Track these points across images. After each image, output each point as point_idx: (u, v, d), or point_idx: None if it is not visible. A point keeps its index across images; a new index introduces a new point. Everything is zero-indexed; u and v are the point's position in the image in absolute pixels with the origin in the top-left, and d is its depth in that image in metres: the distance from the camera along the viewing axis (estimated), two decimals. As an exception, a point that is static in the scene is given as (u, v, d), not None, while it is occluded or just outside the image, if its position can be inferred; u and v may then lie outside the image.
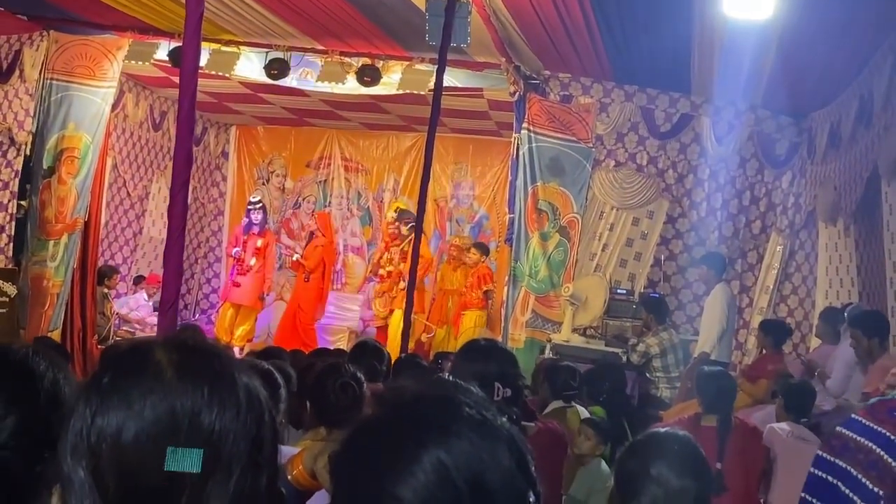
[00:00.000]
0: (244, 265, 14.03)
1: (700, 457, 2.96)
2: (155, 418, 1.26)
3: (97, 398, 1.29)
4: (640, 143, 11.17)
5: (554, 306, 11.04)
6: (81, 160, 11.60)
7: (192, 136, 4.58)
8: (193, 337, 1.43)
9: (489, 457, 1.24)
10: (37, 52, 11.32)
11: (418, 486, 1.21)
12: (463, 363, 3.80)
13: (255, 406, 1.34)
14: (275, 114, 15.42)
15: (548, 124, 11.17)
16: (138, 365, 1.32)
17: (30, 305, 11.24)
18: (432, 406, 1.31)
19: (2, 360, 1.85)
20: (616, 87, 11.19)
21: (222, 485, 1.27)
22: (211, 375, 1.32)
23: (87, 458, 1.26)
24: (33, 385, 1.79)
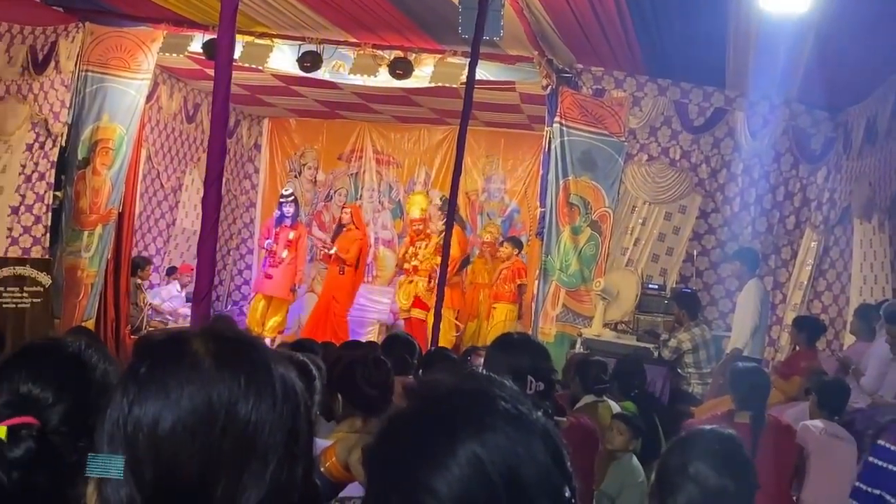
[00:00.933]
0: (276, 257, 14.09)
1: (742, 457, 2.93)
2: (192, 408, 1.27)
3: (134, 387, 1.30)
4: (673, 137, 11.11)
5: (585, 301, 11.00)
6: (116, 151, 11.68)
7: (226, 128, 4.60)
8: (228, 327, 1.44)
9: (524, 451, 1.24)
10: (72, 43, 11.39)
11: (453, 480, 1.20)
12: (496, 356, 3.79)
13: (291, 397, 1.34)
14: (307, 106, 15.46)
15: (580, 118, 11.13)
16: (175, 355, 1.32)
17: (64, 295, 11.33)
18: (467, 399, 1.31)
19: (56, 351, 1.92)
20: (649, 81, 11.13)
21: (258, 476, 1.27)
22: (247, 366, 1.32)
23: (124, 448, 1.27)
24: (85, 375, 1.86)
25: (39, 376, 1.84)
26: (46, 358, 1.92)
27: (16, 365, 1.89)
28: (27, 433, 1.73)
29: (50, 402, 1.81)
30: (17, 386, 1.83)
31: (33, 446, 1.72)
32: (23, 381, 1.83)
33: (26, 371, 1.85)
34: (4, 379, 1.86)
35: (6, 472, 1.69)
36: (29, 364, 1.88)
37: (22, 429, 1.73)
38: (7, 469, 1.69)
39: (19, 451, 1.71)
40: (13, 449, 1.70)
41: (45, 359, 1.91)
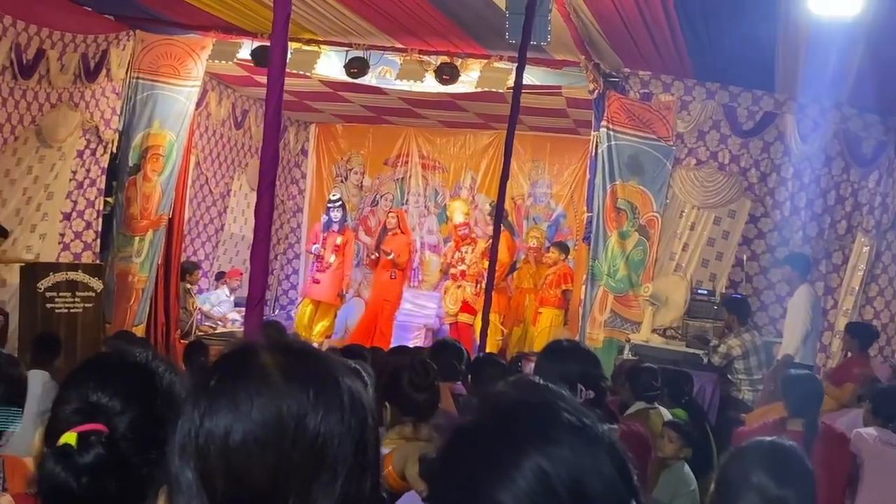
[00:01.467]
0: (323, 262, 14.17)
1: (805, 469, 2.91)
2: (262, 421, 1.28)
3: (205, 400, 1.31)
4: (721, 141, 11.02)
5: (633, 306, 10.95)
6: (166, 158, 11.81)
7: (278, 135, 4.64)
8: (295, 340, 1.45)
9: (590, 464, 1.23)
10: (123, 51, 11.52)
11: (519, 493, 1.20)
12: (546, 363, 3.77)
13: (359, 409, 1.35)
14: (353, 112, 15.53)
15: (627, 122, 11.08)
16: (245, 367, 1.33)
17: (116, 300, 11.48)
18: (532, 412, 1.30)
19: (124, 360, 1.95)
20: (697, 85, 11.05)
21: (328, 488, 1.28)
22: (316, 378, 1.33)
23: (195, 460, 1.28)
24: (151, 385, 1.89)
25: (108, 385, 1.86)
26: (114, 367, 1.95)
27: (85, 373, 1.92)
28: (96, 439, 1.75)
29: (118, 411, 1.83)
30: (86, 394, 1.85)
31: (102, 452, 1.74)
32: (92, 390, 1.85)
33: (95, 380, 1.87)
34: (74, 387, 1.89)
35: (76, 477, 1.72)
36: (97, 373, 1.91)
37: (91, 435, 1.76)
38: (77, 474, 1.72)
39: (89, 456, 1.73)
40: (83, 455, 1.73)
41: (113, 368, 1.94)
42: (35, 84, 10.55)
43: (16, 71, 10.21)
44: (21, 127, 10.52)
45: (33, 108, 10.62)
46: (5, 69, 10.11)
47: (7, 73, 10.16)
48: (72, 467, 1.72)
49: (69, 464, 1.72)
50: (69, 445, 1.74)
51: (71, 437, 1.74)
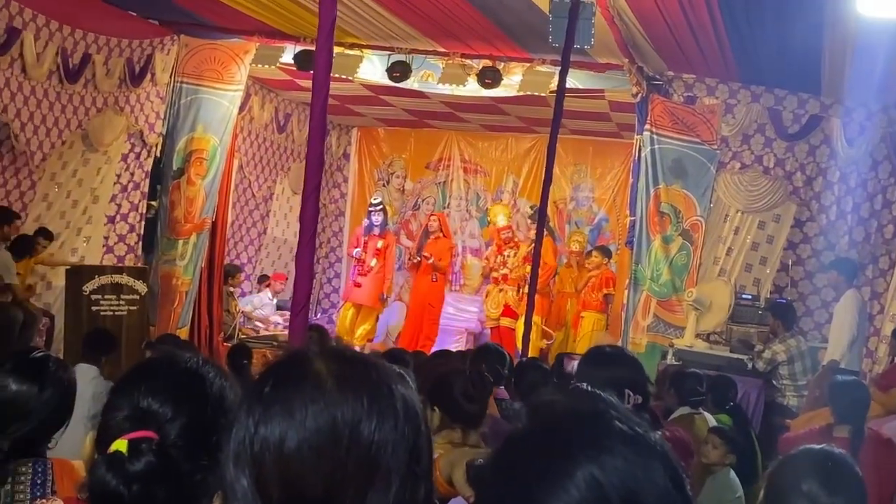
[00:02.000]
0: (365, 266, 14.20)
1: (855, 477, 2.88)
2: (316, 428, 1.27)
3: (259, 407, 1.31)
4: (766, 144, 10.93)
5: (676, 311, 10.88)
6: (209, 162, 11.90)
7: (323, 140, 4.65)
8: (346, 347, 1.45)
9: (643, 474, 1.22)
10: (168, 56, 11.62)
11: (572, 502, 1.19)
12: (590, 369, 3.74)
13: (413, 416, 1.35)
14: (395, 115, 15.56)
15: (671, 126, 11.01)
16: (298, 375, 1.33)
17: (160, 303, 11.57)
18: (583, 421, 1.29)
19: (174, 366, 1.96)
20: (742, 88, 10.97)
21: (382, 496, 1.28)
22: (369, 386, 1.33)
23: (250, 467, 1.28)
24: (202, 390, 1.90)
25: (158, 391, 1.87)
26: (165, 373, 1.95)
27: (135, 380, 1.93)
28: (147, 447, 1.76)
29: (169, 417, 1.83)
30: (136, 400, 1.86)
31: (153, 460, 1.75)
32: (142, 396, 1.86)
33: (145, 386, 1.88)
34: (124, 393, 1.90)
35: (127, 485, 1.72)
36: (148, 379, 1.92)
37: (142, 442, 1.77)
38: (128, 482, 1.73)
39: (140, 464, 1.74)
40: (134, 462, 1.74)
41: (163, 374, 1.95)
42: (81, 88, 10.67)
43: (62, 75, 10.34)
44: (68, 131, 10.65)
45: (79, 112, 10.74)
46: (52, 74, 10.24)
47: (54, 78, 10.29)
48: (122, 475, 1.73)
49: (120, 471, 1.73)
50: (120, 453, 1.75)
51: (122, 445, 1.75)
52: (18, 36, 9.64)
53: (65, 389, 3.01)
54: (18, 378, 2.93)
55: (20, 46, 9.71)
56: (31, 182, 10.49)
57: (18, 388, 2.91)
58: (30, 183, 10.47)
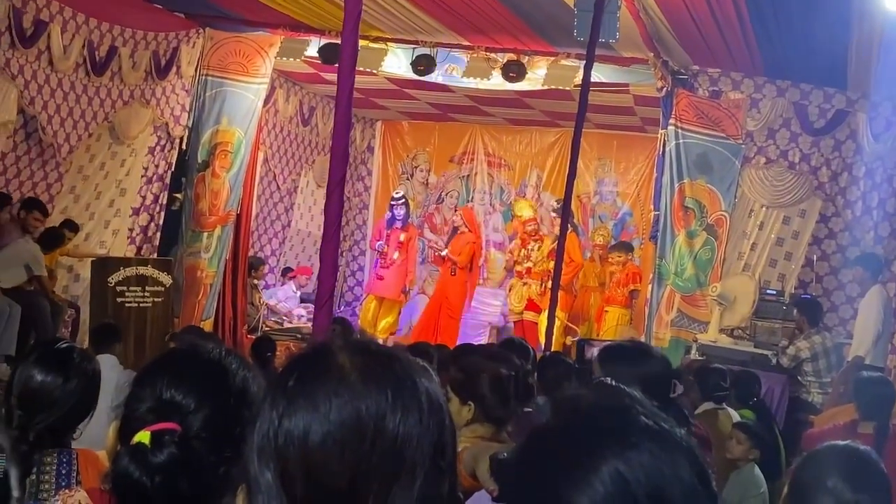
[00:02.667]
0: (388, 259, 14.22)
1: (880, 473, 2.86)
2: (340, 421, 1.27)
3: (283, 400, 1.31)
4: (792, 139, 10.87)
5: (700, 306, 10.84)
6: (234, 154, 11.94)
7: (348, 133, 4.66)
8: (371, 341, 1.45)
9: (670, 470, 1.22)
10: (193, 49, 11.66)
11: (597, 497, 1.19)
12: (615, 368, 3.68)
13: (437, 410, 1.34)
14: (419, 109, 15.56)
15: (696, 120, 10.97)
16: (322, 368, 1.33)
17: (184, 295, 11.63)
18: (609, 416, 1.29)
19: (197, 357, 1.96)
20: (768, 83, 10.90)
21: (407, 489, 1.27)
22: (393, 379, 1.33)
23: (275, 461, 1.28)
24: (225, 382, 1.90)
25: (181, 382, 1.87)
26: (188, 364, 1.96)
27: (157, 371, 1.93)
28: (170, 439, 1.77)
29: (192, 409, 1.84)
30: (159, 392, 1.87)
31: (176, 452, 1.76)
32: (165, 387, 1.86)
33: (168, 377, 1.89)
34: (147, 385, 1.90)
35: (150, 476, 1.73)
36: (170, 370, 1.92)
37: (165, 434, 1.77)
38: (151, 474, 1.73)
39: (162, 456, 1.74)
40: (157, 454, 1.74)
41: (186, 365, 1.95)
42: (108, 81, 10.73)
43: (89, 68, 10.40)
44: (94, 123, 10.70)
45: (106, 104, 10.79)
46: (79, 66, 10.30)
47: (80, 71, 10.35)
48: (146, 466, 1.73)
49: (143, 463, 1.74)
50: (143, 444, 1.75)
51: (145, 437, 1.76)
52: (45, 28, 9.70)
53: (89, 380, 3.03)
54: (43, 369, 2.94)
55: (47, 39, 9.77)
56: (58, 174, 10.56)
57: (43, 378, 2.93)
58: (56, 175, 10.54)
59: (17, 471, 1.80)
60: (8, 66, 9.41)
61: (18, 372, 2.97)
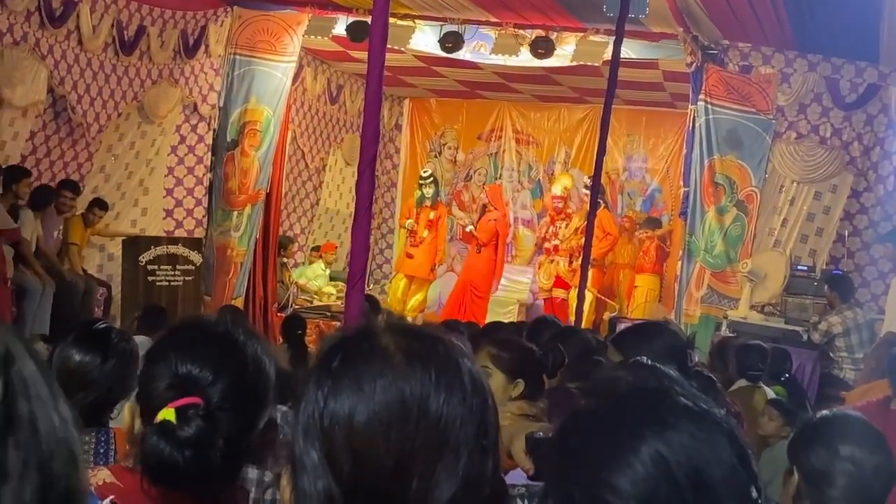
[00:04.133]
0: (417, 237, 14.21)
1: (881, 434, 2.87)
2: (385, 402, 1.28)
3: (328, 381, 1.32)
4: (823, 114, 10.78)
5: (731, 282, 10.80)
6: (263, 133, 11.96)
7: (379, 111, 4.66)
8: (412, 323, 1.46)
9: (710, 451, 1.22)
10: (221, 27, 11.67)
11: (637, 478, 1.19)
12: (628, 346, 3.67)
13: (480, 390, 1.35)
14: (447, 86, 15.53)
15: (726, 95, 10.90)
16: (366, 349, 1.34)
17: (215, 274, 11.69)
18: (648, 397, 1.29)
19: (206, 329, 1.98)
20: (799, 57, 10.81)
21: (451, 470, 1.28)
22: (437, 360, 1.33)
23: (320, 441, 1.29)
24: (238, 352, 1.91)
25: (195, 356, 1.87)
26: (197, 337, 1.95)
27: (168, 346, 1.93)
28: (194, 412, 1.78)
29: (210, 381, 1.84)
30: (174, 367, 1.86)
31: (202, 424, 1.78)
32: (180, 363, 1.86)
33: (181, 352, 1.89)
34: (160, 361, 1.90)
35: (180, 452, 1.75)
36: (181, 344, 1.92)
37: (189, 409, 1.79)
38: (181, 449, 1.75)
39: (190, 429, 1.76)
40: (184, 429, 1.76)
41: (196, 338, 1.95)
42: (136, 60, 10.77)
43: (118, 48, 10.43)
44: (123, 103, 10.75)
45: (135, 84, 10.83)
46: (108, 46, 10.34)
47: (109, 50, 10.39)
48: (175, 442, 1.75)
49: (172, 439, 1.76)
50: (169, 421, 1.77)
51: (169, 413, 1.77)
52: (74, 8, 9.74)
53: (127, 360, 3.05)
54: (82, 349, 2.97)
55: (76, 19, 9.81)
56: (88, 154, 10.61)
57: (82, 358, 2.96)
58: (87, 155, 10.59)
59: None
60: (38, 46, 9.46)
61: (57, 352, 3.00)
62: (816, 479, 2.82)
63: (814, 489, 2.82)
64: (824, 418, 2.98)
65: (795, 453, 2.93)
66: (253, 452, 1.90)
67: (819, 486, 2.81)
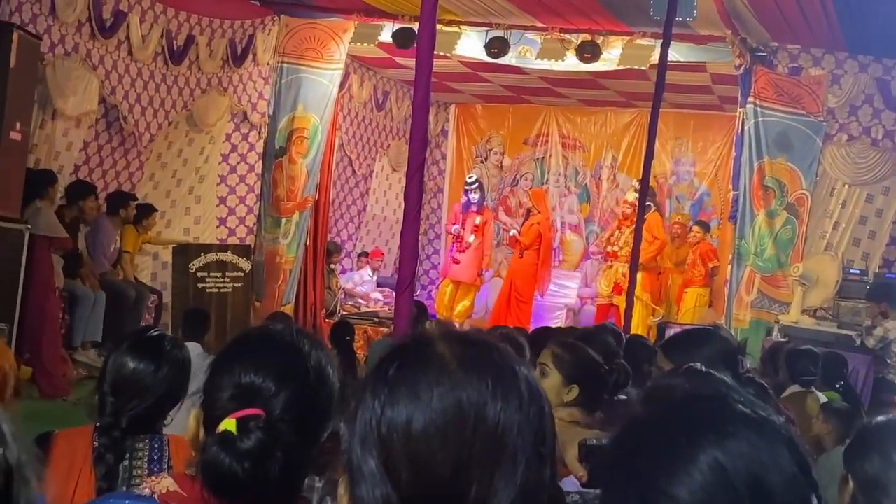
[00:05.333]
0: (463, 242, 14.21)
1: None
2: (442, 410, 1.28)
3: (385, 389, 1.31)
4: (875, 115, 10.65)
5: (781, 286, 10.69)
6: (310, 140, 12.05)
7: (427, 118, 4.67)
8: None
9: (769, 458, 1.20)
10: (268, 36, 11.76)
11: (695, 487, 1.18)
12: (678, 353, 3.65)
13: (537, 398, 1.34)
14: (493, 92, 15.53)
15: (775, 98, 10.80)
16: (422, 357, 1.34)
17: (265, 281, 11.77)
18: (706, 404, 1.28)
19: (271, 339, 1.98)
20: (849, 58, 10.70)
21: (509, 477, 1.27)
22: (493, 368, 1.33)
23: (378, 449, 1.28)
24: (301, 363, 1.90)
25: (259, 366, 1.87)
26: (262, 347, 1.96)
27: (233, 356, 1.93)
28: (255, 424, 1.78)
29: (273, 392, 1.84)
30: (237, 378, 1.86)
31: (263, 437, 1.77)
32: (244, 373, 1.86)
33: (245, 362, 1.89)
34: (224, 371, 1.90)
35: (240, 463, 1.75)
36: (246, 354, 1.93)
37: (250, 420, 1.78)
38: (240, 460, 1.75)
39: (250, 442, 1.76)
40: (244, 440, 1.76)
41: (261, 348, 1.95)
42: (185, 70, 10.87)
43: (167, 57, 10.54)
44: (173, 112, 10.85)
45: (184, 93, 10.94)
46: (157, 56, 10.45)
47: (159, 60, 10.50)
48: (235, 453, 1.75)
49: (232, 450, 1.76)
50: (230, 432, 1.77)
51: (231, 424, 1.77)
52: (124, 19, 9.86)
53: (180, 367, 3.08)
54: (136, 356, 3.00)
55: (126, 29, 9.93)
56: (140, 163, 10.73)
57: (136, 366, 2.98)
58: (138, 164, 10.71)
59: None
60: (89, 56, 9.58)
61: (111, 360, 3.02)
62: (871, 487, 2.77)
63: (868, 498, 2.77)
64: (879, 425, 2.92)
65: (850, 461, 2.87)
66: (315, 464, 1.90)
67: (874, 495, 2.76)
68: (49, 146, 9.40)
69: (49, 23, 9.00)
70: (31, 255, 8.12)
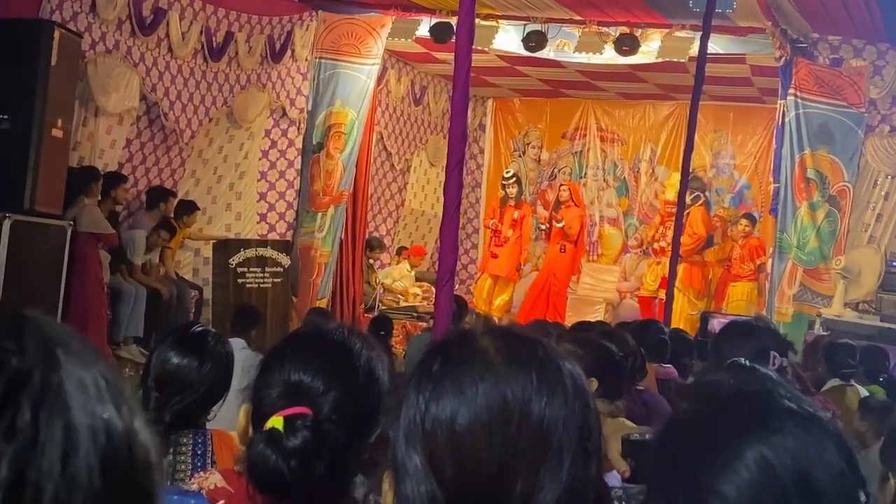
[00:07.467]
0: (501, 236, 14.20)
1: None
2: (487, 405, 1.27)
3: (429, 385, 1.31)
4: (917, 106, 10.56)
5: (824, 279, 10.61)
6: (347, 135, 12.08)
7: (466, 113, 4.67)
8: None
9: (816, 455, 1.20)
10: (307, 32, 11.79)
11: (742, 483, 1.18)
12: (727, 343, 3.64)
13: (582, 393, 1.34)
14: (531, 86, 15.49)
15: (816, 89, 10.71)
16: (466, 352, 1.33)
17: (300, 275, 11.82)
18: (752, 400, 1.28)
19: (321, 338, 1.98)
20: (891, 49, 10.61)
21: (555, 473, 1.27)
22: (537, 363, 1.32)
23: (423, 445, 1.29)
24: (351, 363, 1.90)
25: (308, 365, 1.88)
26: (313, 346, 1.97)
27: (282, 354, 1.95)
28: (302, 423, 1.79)
29: (321, 391, 1.84)
30: (287, 376, 1.87)
31: (310, 435, 1.78)
32: (293, 371, 1.87)
33: (295, 360, 1.90)
34: (274, 369, 1.91)
35: (286, 461, 1.76)
36: (296, 353, 1.93)
37: (298, 419, 1.79)
38: (286, 459, 1.76)
39: (297, 440, 1.77)
40: (291, 439, 1.77)
41: (311, 347, 1.96)
42: (225, 66, 10.93)
43: (206, 54, 10.60)
44: (213, 108, 10.92)
45: (224, 89, 11.00)
46: (197, 52, 10.51)
47: (199, 57, 10.56)
48: (281, 451, 1.76)
49: (278, 448, 1.76)
50: (277, 430, 1.78)
51: (278, 422, 1.78)
52: (164, 16, 9.93)
53: (223, 363, 3.10)
54: (180, 352, 3.02)
55: (166, 26, 9.99)
56: (181, 160, 10.80)
57: (180, 361, 3.01)
58: (180, 161, 10.78)
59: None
60: (129, 54, 9.66)
61: (155, 355, 3.05)
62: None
63: None
64: None
65: (887, 459, 2.84)
66: (363, 464, 1.89)
67: None
68: (92, 144, 9.50)
69: (90, 20, 9.08)
70: (76, 251, 8.21)
